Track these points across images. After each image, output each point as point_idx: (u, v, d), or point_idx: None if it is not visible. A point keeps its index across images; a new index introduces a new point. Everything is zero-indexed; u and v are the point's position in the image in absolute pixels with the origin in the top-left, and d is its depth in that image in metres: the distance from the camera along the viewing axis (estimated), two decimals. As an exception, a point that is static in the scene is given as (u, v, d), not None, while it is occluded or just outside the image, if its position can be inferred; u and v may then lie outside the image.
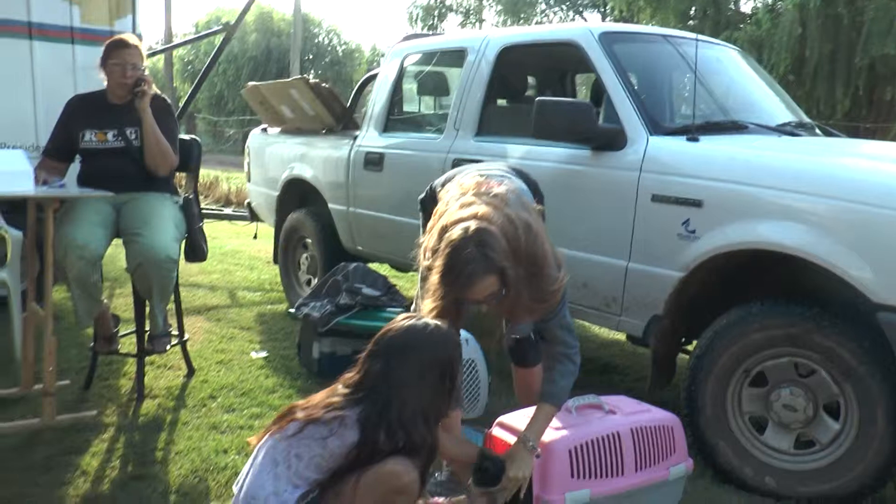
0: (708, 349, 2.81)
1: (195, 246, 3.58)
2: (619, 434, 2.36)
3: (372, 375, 1.98)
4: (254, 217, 6.00)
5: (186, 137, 3.79)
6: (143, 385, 3.48)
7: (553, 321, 2.34)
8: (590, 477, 2.30)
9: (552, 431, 2.32)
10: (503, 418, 2.48)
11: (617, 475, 2.35)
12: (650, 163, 3.03)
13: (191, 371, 3.80)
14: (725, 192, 2.79)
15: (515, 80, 4.49)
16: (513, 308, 2.21)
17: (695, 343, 3.06)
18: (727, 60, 3.98)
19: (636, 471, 2.39)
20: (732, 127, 3.33)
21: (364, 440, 1.89)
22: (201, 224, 3.70)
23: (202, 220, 3.77)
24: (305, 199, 5.13)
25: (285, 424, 1.95)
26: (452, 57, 4.42)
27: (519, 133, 3.63)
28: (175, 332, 3.77)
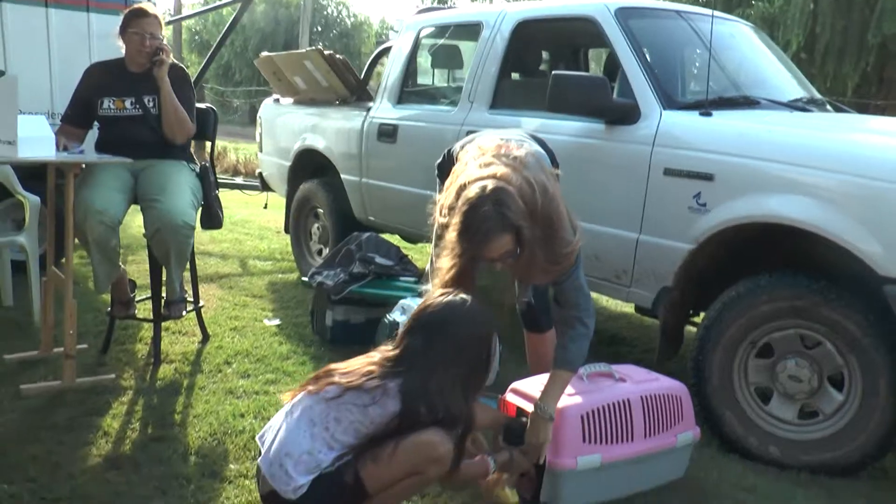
0: (716, 320, 2.86)
1: (212, 213, 3.63)
2: (630, 401, 2.42)
3: (412, 350, 2.01)
4: (265, 187, 6.03)
5: (203, 106, 3.83)
6: (160, 350, 3.55)
7: (567, 283, 2.34)
8: (601, 442, 2.36)
9: (565, 398, 2.37)
10: (516, 384, 2.53)
11: (627, 441, 2.40)
12: (663, 137, 3.06)
13: (205, 337, 3.86)
14: (737, 167, 2.82)
15: (530, 54, 4.50)
16: (527, 268, 2.23)
17: (702, 315, 3.12)
18: (740, 36, 3.99)
19: (645, 437, 2.44)
20: (745, 102, 3.35)
21: (405, 411, 1.93)
22: (217, 192, 3.74)
23: (218, 189, 3.82)
24: (317, 170, 5.15)
25: (323, 386, 1.98)
26: (468, 30, 4.44)
27: (533, 106, 3.66)
28: (190, 299, 3.83)
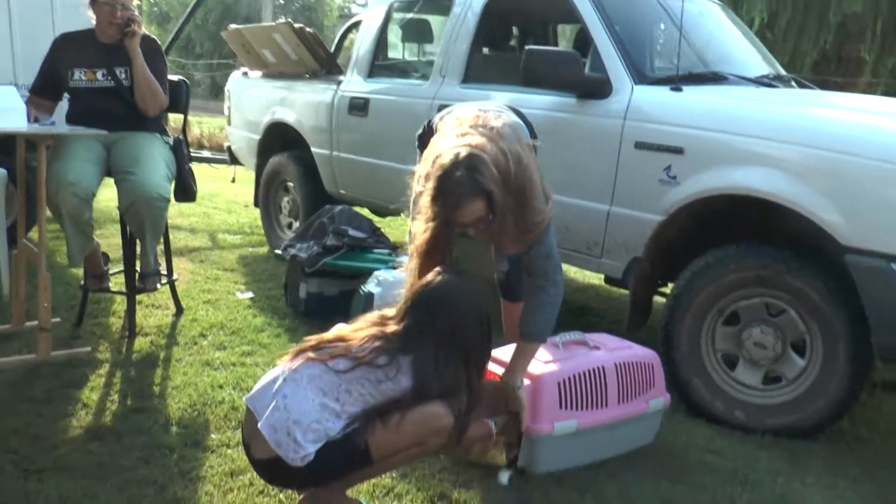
0: (685, 289, 2.95)
1: (186, 186, 3.62)
2: (604, 368, 2.50)
3: (419, 325, 2.04)
4: (233, 160, 5.99)
5: (175, 78, 3.80)
6: (135, 322, 3.55)
7: (534, 250, 2.35)
8: (576, 409, 2.44)
9: (541, 365, 2.44)
10: (494, 352, 2.58)
11: (601, 407, 2.49)
12: (634, 111, 3.13)
13: (179, 310, 3.87)
14: (706, 140, 2.90)
15: (501, 29, 4.52)
16: (499, 235, 2.27)
17: (670, 285, 3.21)
18: (709, 14, 4.05)
19: (619, 403, 2.52)
20: (713, 78, 3.42)
21: (418, 386, 1.98)
22: (190, 165, 3.73)
23: (191, 161, 3.80)
24: (287, 143, 5.13)
25: (328, 357, 2.00)
26: (439, 5, 4.45)
27: (504, 81, 3.70)
28: (164, 272, 3.83)
